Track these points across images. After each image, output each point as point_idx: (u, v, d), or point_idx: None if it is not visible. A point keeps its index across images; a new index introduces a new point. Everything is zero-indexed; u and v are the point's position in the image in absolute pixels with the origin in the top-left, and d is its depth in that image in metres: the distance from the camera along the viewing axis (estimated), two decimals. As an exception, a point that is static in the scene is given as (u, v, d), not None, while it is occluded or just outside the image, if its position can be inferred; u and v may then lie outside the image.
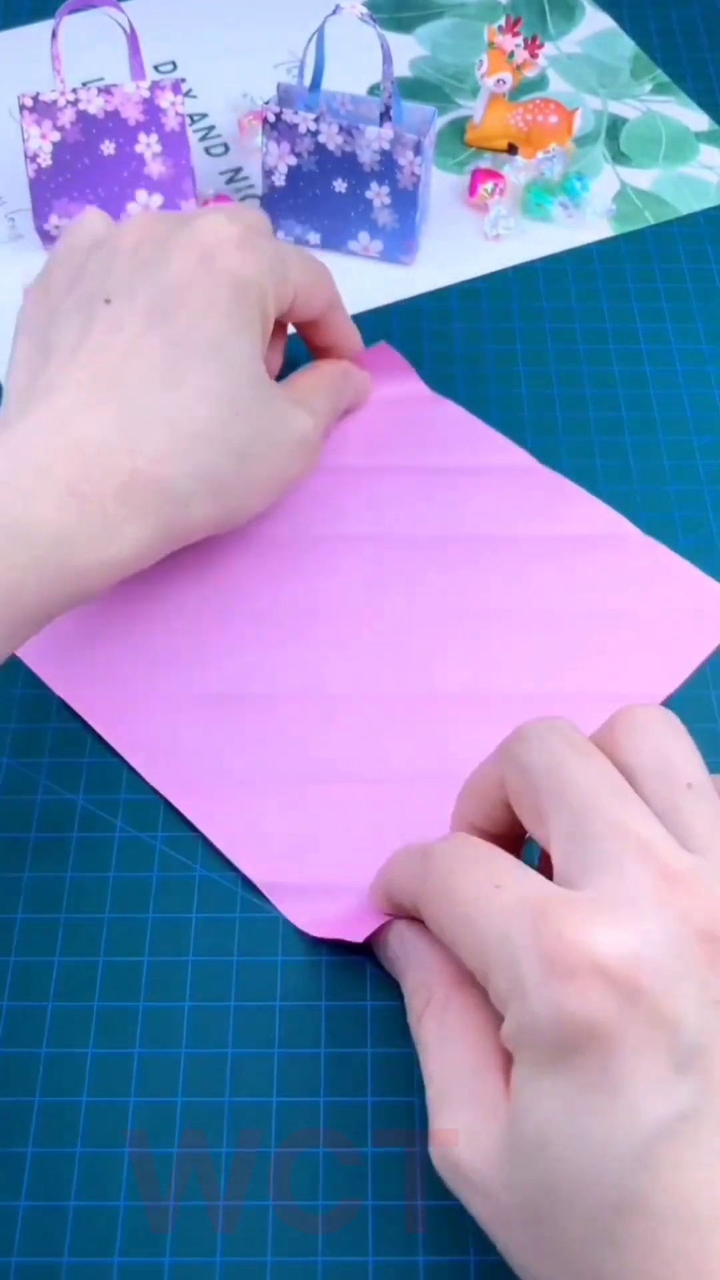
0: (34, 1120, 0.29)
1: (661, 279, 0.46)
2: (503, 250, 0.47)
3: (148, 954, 0.31)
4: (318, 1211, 0.28)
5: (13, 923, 0.32)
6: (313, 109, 0.44)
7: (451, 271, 0.47)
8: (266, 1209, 0.28)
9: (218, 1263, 0.27)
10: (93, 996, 0.31)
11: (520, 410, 0.42)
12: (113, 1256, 0.27)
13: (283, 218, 0.46)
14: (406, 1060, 0.30)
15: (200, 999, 0.31)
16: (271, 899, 0.32)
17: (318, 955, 0.31)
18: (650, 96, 0.53)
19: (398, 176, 0.44)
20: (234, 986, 0.31)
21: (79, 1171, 0.28)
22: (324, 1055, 0.30)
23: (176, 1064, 0.30)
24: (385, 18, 0.56)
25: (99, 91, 0.43)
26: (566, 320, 0.45)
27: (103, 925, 0.32)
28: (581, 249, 0.47)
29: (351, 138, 0.43)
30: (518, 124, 0.49)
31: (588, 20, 0.56)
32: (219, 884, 0.32)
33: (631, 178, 0.50)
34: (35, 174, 0.44)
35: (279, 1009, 0.30)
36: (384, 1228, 0.28)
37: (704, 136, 0.51)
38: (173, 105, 0.44)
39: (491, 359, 0.44)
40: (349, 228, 0.46)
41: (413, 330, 0.45)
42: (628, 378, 0.43)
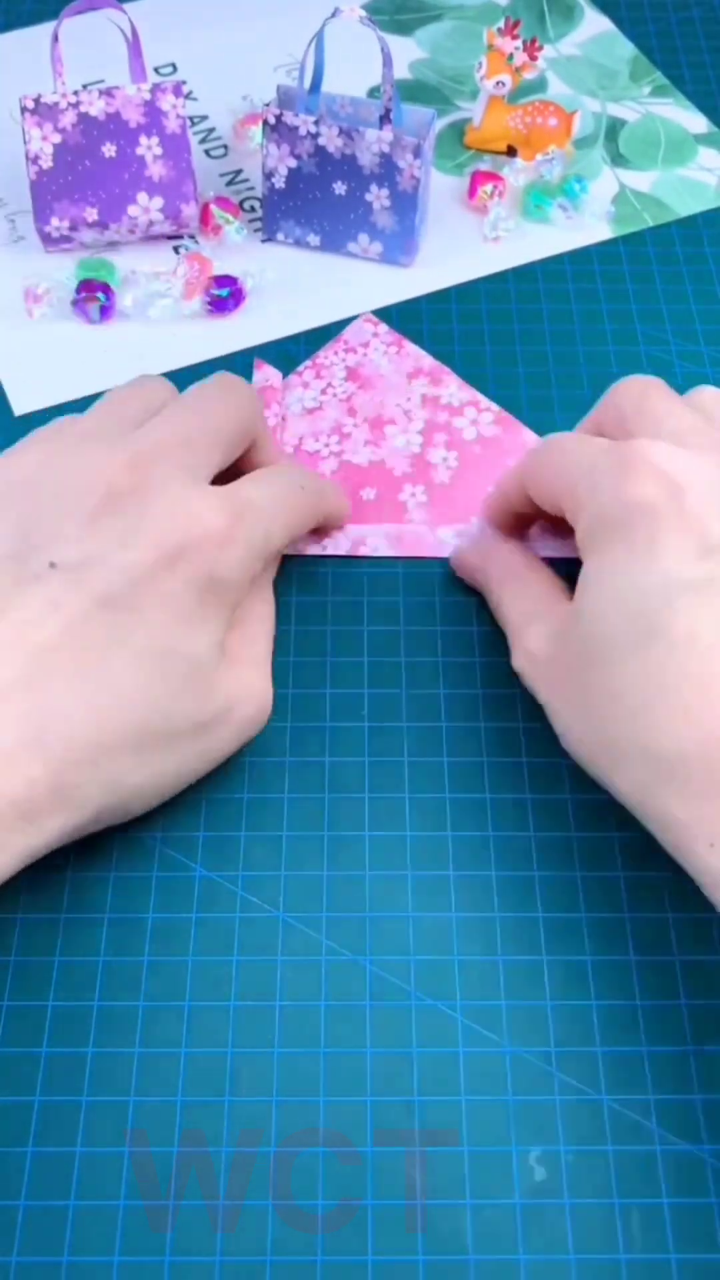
0: (34, 1120, 0.29)
1: (660, 281, 0.47)
2: (502, 252, 0.47)
3: (148, 954, 0.31)
4: (318, 1211, 0.28)
5: (13, 922, 0.32)
6: (313, 111, 0.44)
7: (451, 273, 0.47)
8: (266, 1209, 0.28)
9: (217, 1262, 0.27)
10: (93, 996, 0.31)
11: (519, 411, 0.42)
12: (113, 1256, 0.27)
13: (282, 220, 0.46)
14: (406, 1060, 0.30)
15: (200, 999, 0.31)
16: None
17: (318, 955, 0.31)
18: (649, 99, 0.53)
19: (397, 179, 0.44)
20: (234, 986, 0.31)
21: (79, 1171, 0.28)
22: (324, 1055, 0.30)
23: (176, 1064, 0.30)
24: (385, 20, 0.56)
25: (100, 93, 0.43)
26: (566, 322, 0.45)
27: (103, 925, 0.32)
28: (581, 251, 0.48)
29: (351, 140, 0.43)
30: (517, 126, 0.49)
31: (587, 22, 0.56)
32: (219, 884, 0.32)
33: (630, 180, 0.50)
34: (36, 176, 0.44)
35: (279, 1009, 0.30)
36: (384, 1228, 0.28)
37: (703, 139, 0.52)
38: (174, 107, 0.44)
39: (490, 360, 0.44)
40: (349, 230, 0.46)
41: (412, 332, 0.45)
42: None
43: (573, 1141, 0.29)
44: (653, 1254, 0.27)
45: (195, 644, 0.29)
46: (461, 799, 0.34)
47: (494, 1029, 0.30)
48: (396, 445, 0.41)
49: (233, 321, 0.45)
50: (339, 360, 0.44)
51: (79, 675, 0.28)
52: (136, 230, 0.46)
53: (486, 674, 0.36)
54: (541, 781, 0.34)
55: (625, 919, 0.32)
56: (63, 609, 0.28)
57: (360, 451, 0.41)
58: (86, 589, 0.28)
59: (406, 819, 0.33)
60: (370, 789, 0.34)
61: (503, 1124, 0.29)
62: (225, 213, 0.47)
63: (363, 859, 0.33)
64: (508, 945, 0.31)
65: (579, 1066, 0.30)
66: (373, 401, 0.42)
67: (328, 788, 0.34)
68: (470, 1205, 0.28)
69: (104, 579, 0.28)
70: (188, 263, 0.45)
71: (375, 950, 0.31)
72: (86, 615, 0.28)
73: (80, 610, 0.28)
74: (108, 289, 0.44)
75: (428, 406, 0.42)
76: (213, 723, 0.30)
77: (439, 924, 0.32)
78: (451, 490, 0.40)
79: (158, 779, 0.30)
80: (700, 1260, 0.27)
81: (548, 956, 0.31)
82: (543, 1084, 0.29)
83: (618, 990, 0.31)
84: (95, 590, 0.28)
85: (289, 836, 0.33)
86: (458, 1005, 0.30)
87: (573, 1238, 0.28)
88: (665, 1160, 0.28)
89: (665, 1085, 0.29)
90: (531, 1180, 0.28)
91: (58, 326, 0.45)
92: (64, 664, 0.28)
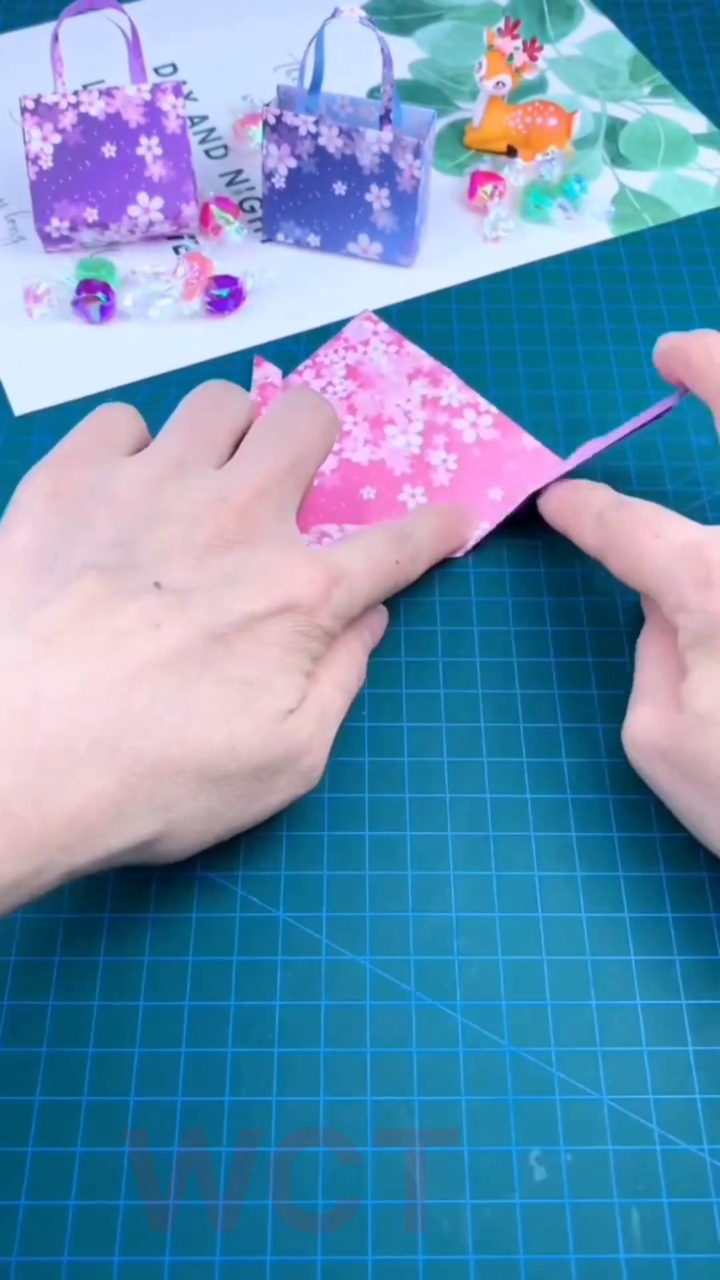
0: (34, 1120, 0.29)
1: (660, 281, 0.47)
2: (502, 252, 0.47)
3: (148, 954, 0.31)
4: (318, 1211, 0.28)
5: (13, 922, 0.32)
6: (313, 111, 0.44)
7: (451, 273, 0.47)
8: (266, 1209, 0.28)
9: (217, 1262, 0.27)
10: (93, 996, 0.31)
11: (519, 412, 0.42)
12: (113, 1256, 0.27)
13: (282, 220, 0.46)
14: (406, 1060, 0.30)
15: (200, 999, 0.31)
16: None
17: (317, 955, 0.31)
18: (649, 99, 0.53)
19: (397, 179, 0.44)
20: (234, 986, 0.31)
21: (79, 1171, 0.28)
22: (324, 1055, 0.30)
23: (176, 1064, 0.30)
24: (385, 20, 0.56)
25: (100, 94, 0.43)
26: (566, 322, 0.45)
27: (103, 925, 0.32)
28: (580, 251, 0.48)
29: (351, 140, 0.43)
30: (517, 126, 0.49)
31: (586, 23, 0.56)
32: (219, 884, 0.32)
33: (630, 180, 0.50)
34: (36, 176, 0.44)
35: (279, 1009, 0.31)
36: (384, 1228, 0.28)
37: (702, 139, 0.52)
38: (174, 108, 0.44)
39: (490, 360, 0.44)
40: (349, 230, 0.46)
41: (412, 332, 0.45)
42: (626, 380, 0.43)
43: (573, 1141, 0.29)
44: (653, 1254, 0.27)
45: (276, 689, 0.30)
46: (461, 799, 0.34)
47: (494, 1029, 0.30)
48: (396, 445, 0.41)
49: (233, 322, 0.45)
50: (339, 359, 0.44)
51: (164, 694, 0.28)
52: (136, 230, 0.46)
53: (487, 674, 0.36)
54: (542, 782, 0.34)
55: (625, 919, 0.32)
56: (163, 627, 0.28)
57: (360, 451, 0.41)
58: (189, 614, 0.29)
59: (407, 819, 0.33)
60: (370, 789, 0.34)
61: (503, 1124, 0.29)
62: (225, 213, 0.47)
63: (363, 859, 0.33)
64: (508, 945, 0.31)
65: (579, 1066, 0.30)
66: (373, 401, 0.42)
67: (328, 787, 0.34)
68: (470, 1205, 0.28)
69: (206, 610, 0.29)
70: (188, 263, 0.45)
71: (375, 950, 0.31)
72: (184, 638, 0.29)
73: (179, 632, 0.29)
74: (108, 289, 0.45)
75: (427, 408, 0.42)
76: (269, 770, 0.30)
77: (439, 924, 0.32)
78: (451, 492, 0.40)
79: (203, 817, 0.29)
80: (700, 1260, 0.27)
81: (548, 956, 0.31)
82: (543, 1084, 0.29)
83: (618, 990, 0.31)
84: (196, 617, 0.29)
85: (289, 836, 0.33)
86: (458, 1005, 0.30)
87: (573, 1238, 0.28)
88: (665, 1160, 0.28)
89: (665, 1085, 0.29)
90: (531, 1180, 0.28)
91: (58, 327, 0.45)
92: (153, 680, 0.28)
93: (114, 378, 0.44)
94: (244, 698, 0.29)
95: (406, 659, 0.37)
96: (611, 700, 0.36)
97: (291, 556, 0.31)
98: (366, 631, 0.35)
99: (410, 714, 0.35)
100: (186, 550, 0.30)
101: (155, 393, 0.43)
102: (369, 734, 0.35)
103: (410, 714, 0.35)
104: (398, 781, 0.34)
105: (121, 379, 0.44)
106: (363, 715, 0.35)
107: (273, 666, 0.30)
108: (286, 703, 0.30)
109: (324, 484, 0.40)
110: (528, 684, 0.36)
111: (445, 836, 0.33)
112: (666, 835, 0.33)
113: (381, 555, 0.34)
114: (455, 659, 0.37)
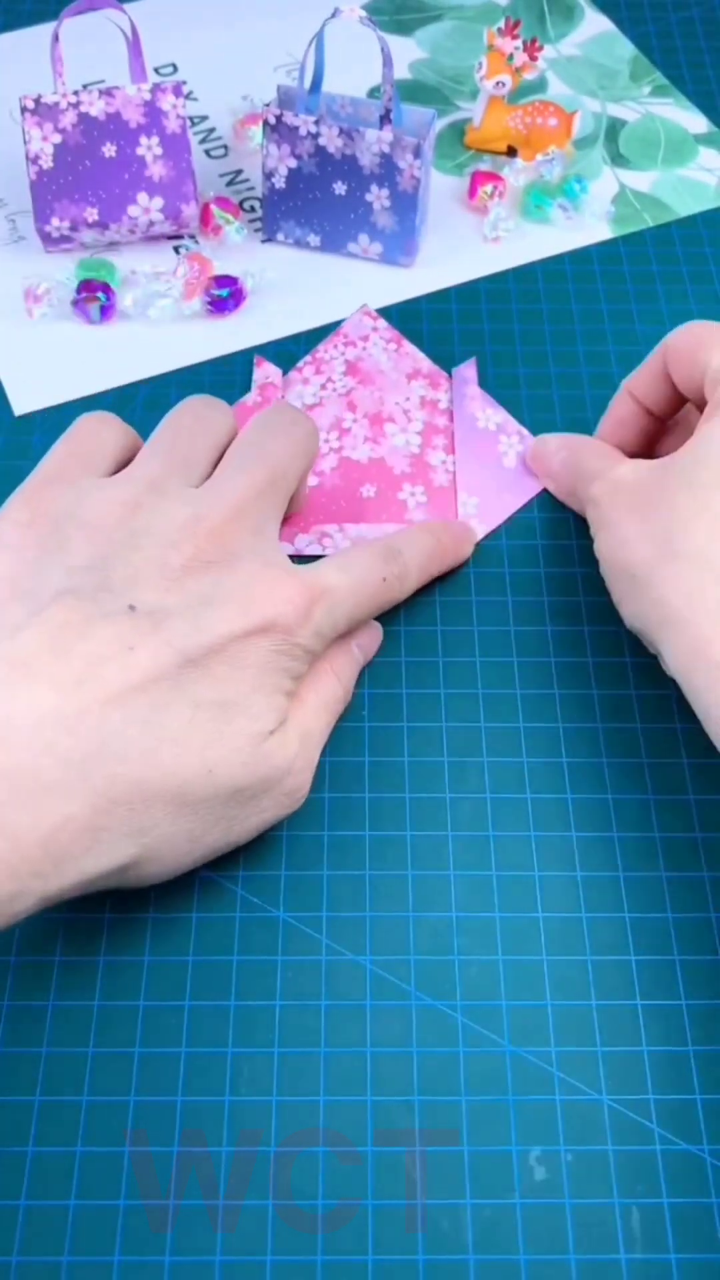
0: (34, 1120, 0.29)
1: (660, 281, 0.47)
2: (502, 252, 0.47)
3: (148, 954, 0.31)
4: (318, 1211, 0.28)
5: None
6: (313, 111, 0.44)
7: (451, 273, 0.47)
8: (266, 1209, 0.28)
9: (217, 1262, 0.27)
10: (93, 996, 0.31)
11: (519, 412, 0.42)
12: (113, 1256, 0.27)
13: (282, 220, 0.46)
14: (406, 1060, 0.30)
15: (200, 999, 0.31)
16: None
17: (318, 955, 0.31)
18: (649, 99, 0.53)
19: (397, 179, 0.44)
20: (234, 986, 0.31)
21: (79, 1171, 0.28)
22: (324, 1055, 0.30)
23: (176, 1063, 0.30)
24: (385, 20, 0.56)
25: (100, 94, 0.43)
26: (566, 322, 0.45)
27: (103, 924, 0.32)
28: (581, 251, 0.48)
29: (351, 140, 0.43)
30: (517, 126, 0.49)
31: (587, 23, 0.56)
32: (219, 884, 0.32)
33: (630, 180, 0.50)
34: (36, 176, 0.44)
35: (279, 1009, 0.31)
36: (384, 1228, 0.28)
37: (702, 139, 0.52)
38: (174, 107, 0.44)
39: (490, 360, 0.44)
40: (349, 230, 0.46)
41: (412, 332, 0.45)
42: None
43: (573, 1141, 0.29)
44: (653, 1254, 0.27)
45: (253, 711, 0.30)
46: (461, 799, 0.34)
47: (494, 1029, 0.30)
48: (396, 444, 0.41)
49: (233, 321, 0.45)
50: (338, 354, 0.44)
51: (139, 717, 0.28)
52: (136, 230, 0.46)
53: (487, 674, 0.36)
54: (542, 782, 0.34)
55: (625, 919, 0.32)
56: (136, 650, 0.28)
57: (360, 448, 0.41)
58: (164, 636, 0.29)
59: (407, 819, 0.33)
60: (370, 789, 0.34)
61: (503, 1124, 0.29)
62: (225, 213, 0.47)
63: (363, 859, 0.33)
64: (508, 945, 0.31)
65: (579, 1066, 0.30)
66: (372, 397, 0.42)
67: (328, 787, 0.34)
68: (470, 1205, 0.28)
69: (181, 632, 0.29)
70: (188, 263, 0.45)
71: (375, 950, 0.31)
72: (158, 661, 0.28)
73: (153, 655, 0.28)
74: (108, 289, 0.45)
75: (426, 409, 0.42)
76: (250, 792, 0.30)
77: (439, 924, 0.32)
78: (451, 493, 0.40)
79: (182, 841, 0.29)
80: (700, 1260, 0.27)
81: (548, 956, 0.31)
82: (543, 1084, 0.29)
83: (618, 990, 0.31)
84: (171, 640, 0.29)
85: (289, 836, 0.33)
86: (458, 1005, 0.30)
87: (573, 1238, 0.28)
88: (665, 1160, 0.28)
89: (665, 1085, 0.29)
90: (531, 1180, 0.28)
91: (58, 326, 0.45)
92: (127, 704, 0.28)
93: (114, 378, 0.44)
94: (221, 720, 0.29)
95: (406, 659, 0.37)
96: (612, 700, 0.36)
97: (270, 575, 0.31)
98: (355, 648, 0.35)
99: (410, 714, 0.35)
100: (163, 572, 0.30)
101: (155, 393, 0.43)
102: (369, 734, 0.35)
103: (410, 714, 0.35)
104: (398, 781, 0.34)
105: (121, 379, 0.44)
106: (363, 715, 0.35)
107: (251, 687, 0.30)
108: (266, 724, 0.30)
109: (324, 482, 0.40)
110: (528, 684, 0.36)
111: (445, 836, 0.33)
112: (666, 835, 0.33)
113: (366, 572, 0.34)
114: (455, 659, 0.37)
